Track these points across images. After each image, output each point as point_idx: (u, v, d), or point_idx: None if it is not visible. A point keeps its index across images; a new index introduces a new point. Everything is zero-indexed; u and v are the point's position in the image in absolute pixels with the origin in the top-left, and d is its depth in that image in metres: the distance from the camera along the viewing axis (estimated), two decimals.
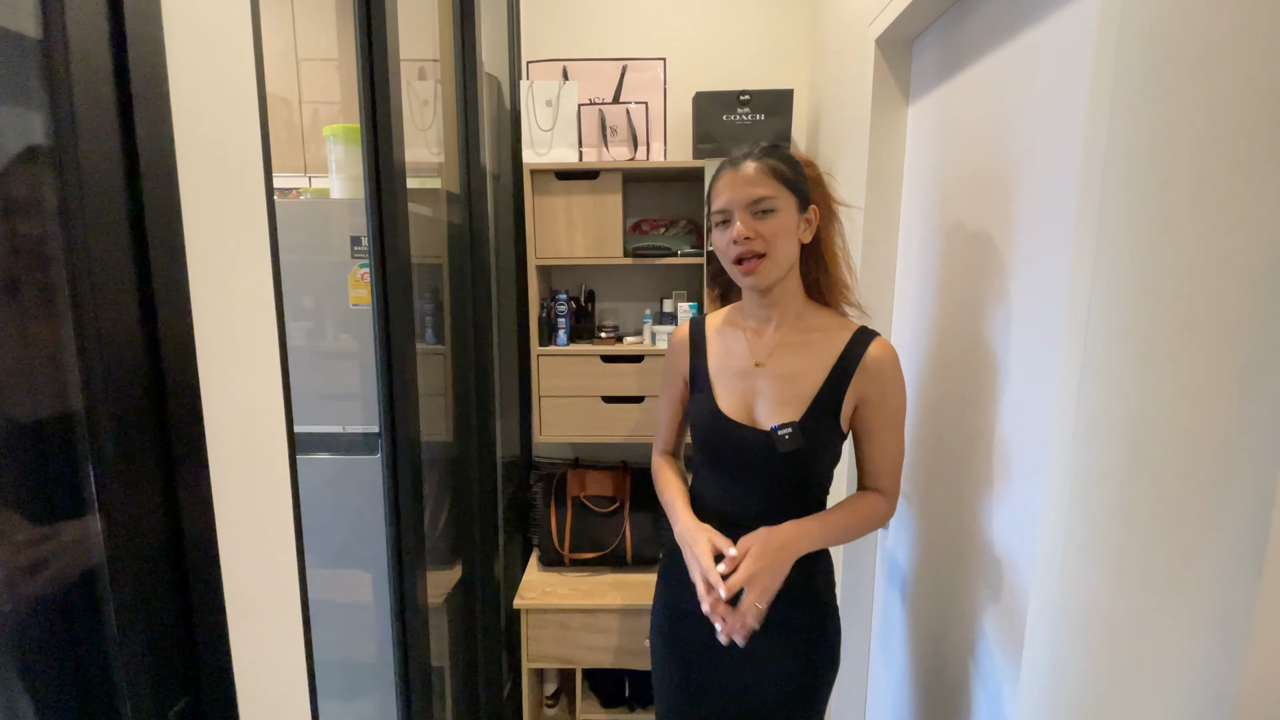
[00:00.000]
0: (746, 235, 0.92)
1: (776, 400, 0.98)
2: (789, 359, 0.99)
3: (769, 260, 0.94)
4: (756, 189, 0.92)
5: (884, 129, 1.32)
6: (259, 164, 0.67)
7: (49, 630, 0.52)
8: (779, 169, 0.94)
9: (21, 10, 0.44)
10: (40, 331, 0.48)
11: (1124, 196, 0.62)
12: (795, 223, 0.95)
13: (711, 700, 1.05)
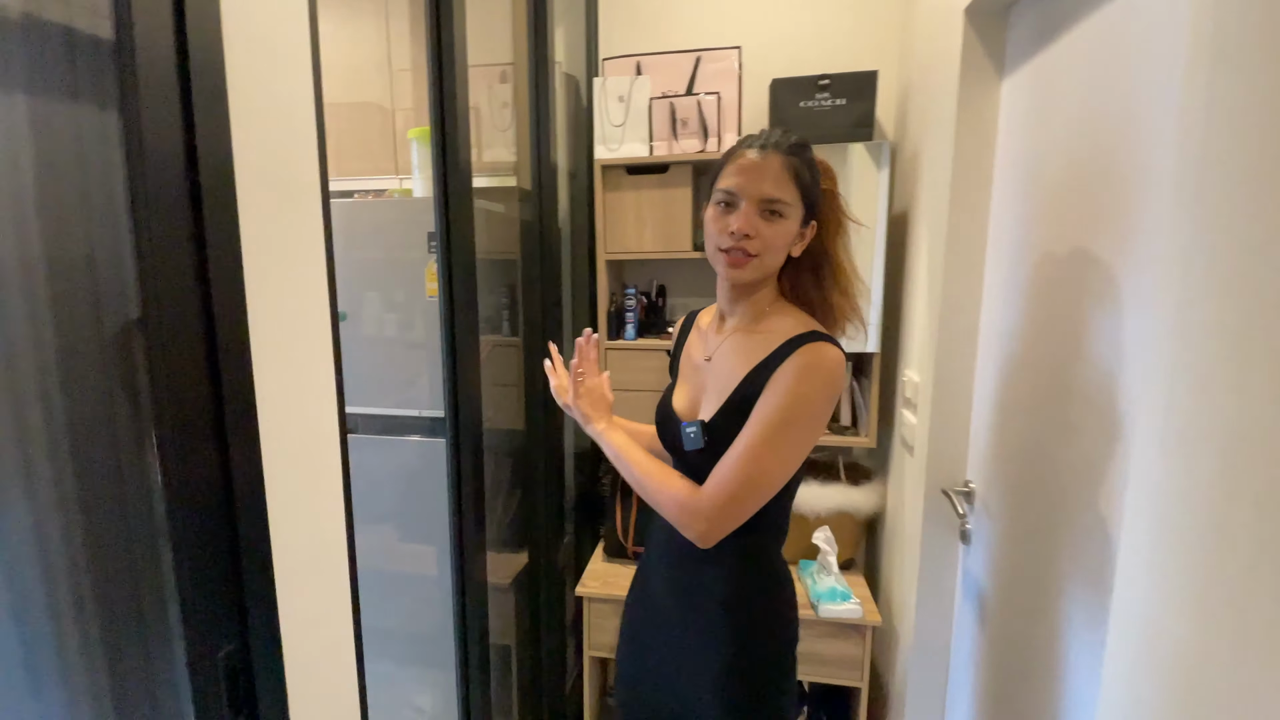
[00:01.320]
0: (747, 233, 0.86)
1: (710, 394, 0.95)
2: (730, 357, 0.95)
3: (758, 262, 0.88)
4: (774, 188, 0.86)
5: (973, 109, 1.20)
6: (314, 160, 0.73)
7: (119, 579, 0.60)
8: (801, 174, 0.88)
9: (99, 15, 0.51)
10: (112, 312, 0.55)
11: (1224, 177, 0.53)
12: (796, 233, 0.90)
13: (643, 688, 1.08)
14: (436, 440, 1.52)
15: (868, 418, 1.69)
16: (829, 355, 0.85)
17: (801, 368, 0.84)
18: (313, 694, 0.75)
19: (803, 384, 0.84)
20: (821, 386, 0.84)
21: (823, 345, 0.86)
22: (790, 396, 0.83)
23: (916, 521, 1.40)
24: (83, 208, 0.54)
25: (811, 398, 0.84)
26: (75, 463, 0.55)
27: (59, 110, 0.52)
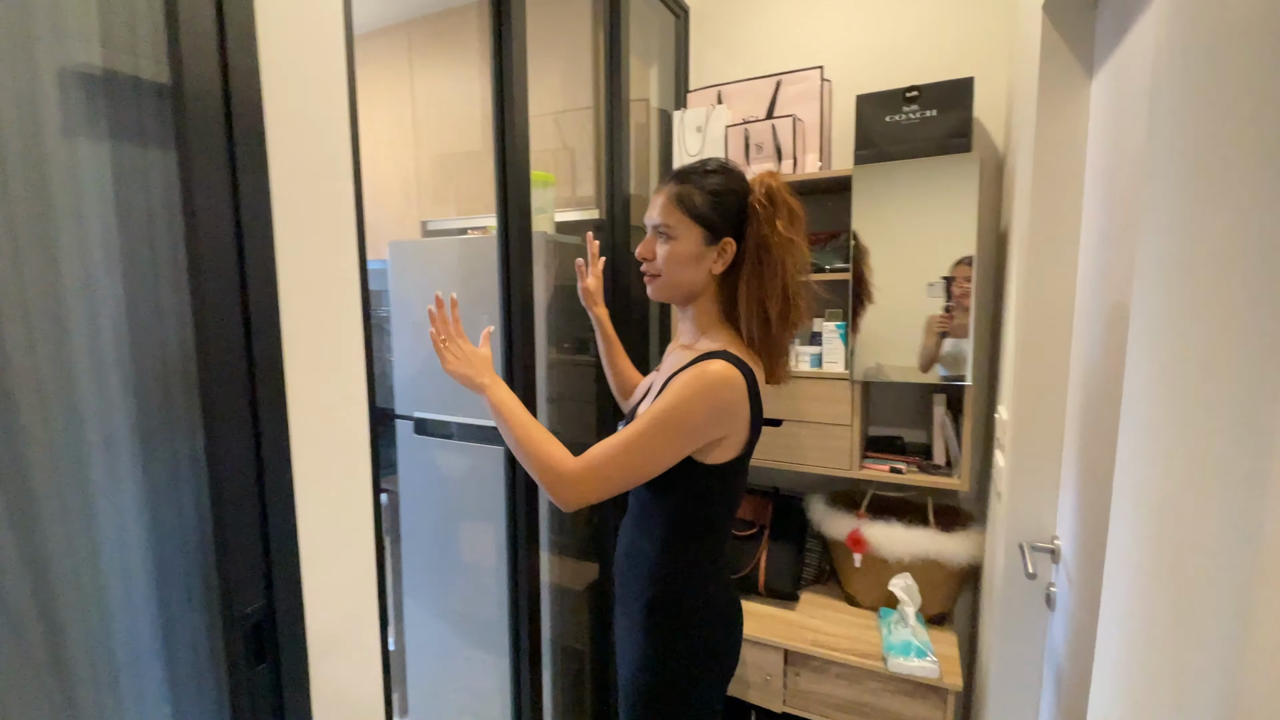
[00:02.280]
0: (643, 255, 1.00)
1: (646, 404, 1.00)
2: (667, 366, 1.03)
3: (660, 280, 0.99)
4: (656, 214, 0.98)
5: (1055, 113, 1.06)
6: (350, 191, 0.87)
7: (169, 540, 0.77)
8: (687, 198, 0.95)
9: (160, 63, 0.69)
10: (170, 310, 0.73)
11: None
12: (695, 252, 0.96)
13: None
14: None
15: (962, 458, 1.52)
16: (711, 369, 0.89)
17: (685, 377, 0.90)
18: (333, 652, 0.88)
19: (681, 391, 0.89)
20: (695, 396, 0.88)
21: (711, 361, 0.90)
22: (668, 400, 0.89)
23: (997, 578, 1.23)
24: (149, 231, 0.72)
25: (684, 405, 0.88)
26: (143, 445, 0.73)
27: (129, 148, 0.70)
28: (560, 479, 0.91)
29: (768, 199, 0.95)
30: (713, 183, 0.96)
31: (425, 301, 1.73)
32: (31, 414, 0.63)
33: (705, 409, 0.89)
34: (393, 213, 2.17)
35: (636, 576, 1.03)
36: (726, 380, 0.89)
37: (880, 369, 1.56)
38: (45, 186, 0.64)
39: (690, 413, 0.88)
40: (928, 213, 1.49)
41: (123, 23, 0.69)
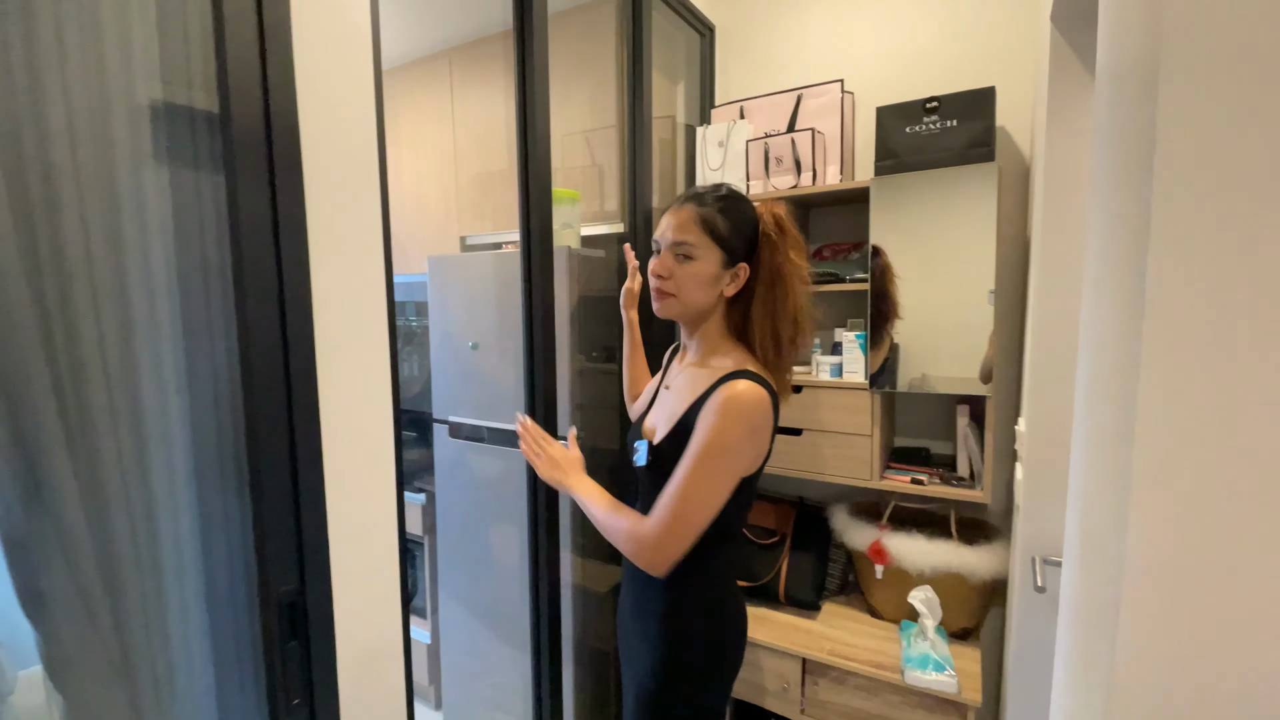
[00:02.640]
0: (659, 273, 1.00)
1: (661, 422, 1.02)
2: (682, 388, 1.03)
3: (675, 300, 1.00)
4: (680, 233, 0.98)
5: (1064, 122, 1.06)
6: (377, 209, 0.96)
7: (212, 527, 0.86)
8: (711, 221, 0.97)
9: (210, 94, 0.79)
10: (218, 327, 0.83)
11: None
12: (714, 274, 0.98)
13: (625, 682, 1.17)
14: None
15: (985, 470, 1.50)
16: (741, 392, 0.91)
17: (718, 404, 0.91)
18: (358, 631, 0.96)
19: (718, 419, 0.91)
20: (733, 422, 0.90)
21: (737, 382, 0.92)
22: (708, 432, 0.91)
23: (1014, 592, 1.22)
24: (200, 245, 0.81)
25: (725, 430, 0.90)
26: (195, 440, 0.83)
27: (184, 171, 0.81)
28: (642, 548, 0.93)
29: (778, 228, 1.00)
30: (731, 207, 0.99)
31: (464, 311, 1.85)
32: (101, 413, 0.74)
33: (744, 432, 0.91)
34: (434, 228, 2.30)
35: (649, 584, 1.04)
36: (758, 399, 0.92)
37: (925, 379, 1.53)
38: (115, 207, 0.75)
39: (734, 439, 0.91)
40: (949, 223, 1.48)
41: (180, 59, 0.80)
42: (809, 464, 1.70)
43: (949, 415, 1.72)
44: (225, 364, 0.83)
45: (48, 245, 0.70)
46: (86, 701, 0.77)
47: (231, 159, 0.79)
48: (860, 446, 1.62)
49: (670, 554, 0.92)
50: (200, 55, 0.80)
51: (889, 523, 1.65)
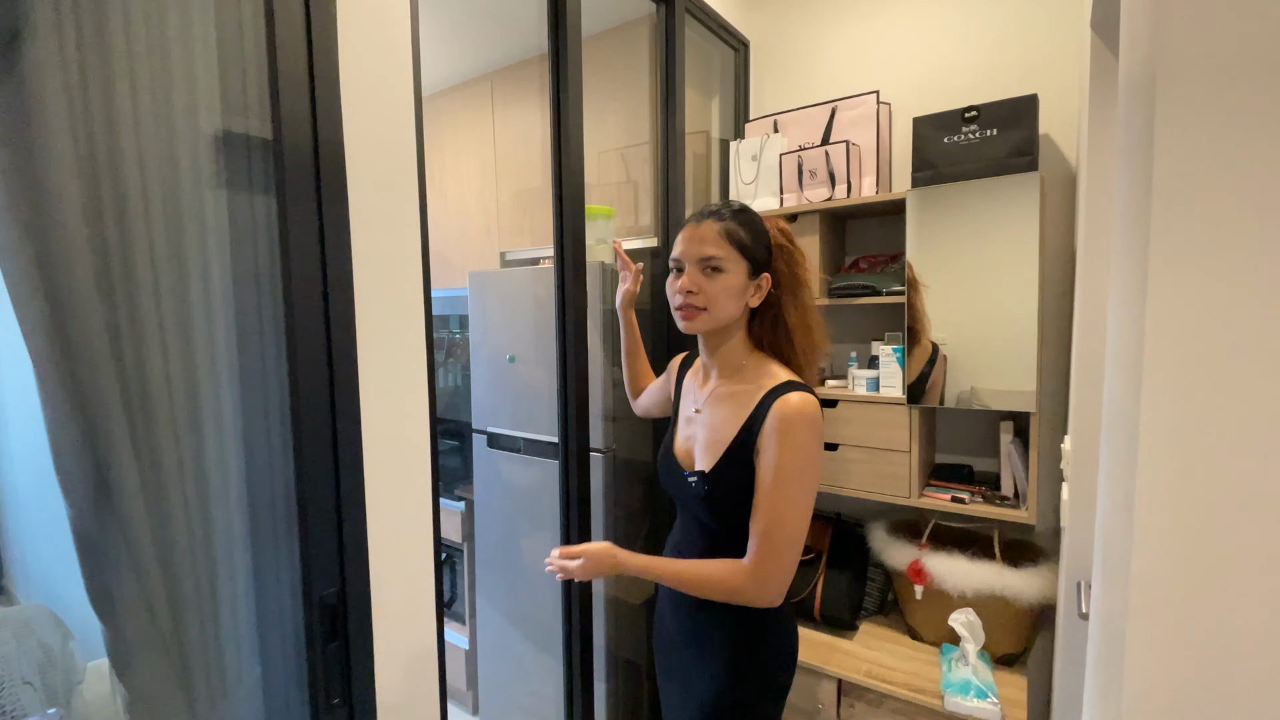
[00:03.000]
0: (690, 289, 0.99)
1: (703, 447, 1.01)
2: (718, 408, 1.01)
3: (707, 314, 0.99)
4: (708, 248, 0.98)
5: (1107, 131, 1.03)
6: (416, 228, 1.00)
7: (261, 531, 0.91)
8: (735, 233, 0.98)
9: (264, 122, 0.84)
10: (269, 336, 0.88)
11: None
12: (742, 285, 0.99)
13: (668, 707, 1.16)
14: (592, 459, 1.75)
15: (1030, 489, 1.44)
16: (800, 403, 0.92)
17: (786, 422, 0.92)
18: (395, 634, 0.99)
19: (787, 437, 0.91)
20: (806, 434, 0.92)
21: (791, 396, 0.93)
22: (783, 453, 0.91)
23: (1060, 617, 1.17)
24: (253, 262, 0.87)
25: (799, 445, 0.91)
26: (247, 449, 0.88)
27: (240, 195, 0.87)
28: (755, 587, 0.92)
29: (787, 239, 1.01)
30: (747, 220, 1.01)
31: (502, 325, 1.91)
32: (163, 423, 0.80)
33: (816, 444, 0.93)
34: (476, 243, 2.38)
35: (707, 608, 1.02)
36: (816, 409, 0.94)
37: (974, 393, 1.49)
38: (179, 228, 0.81)
39: (810, 454, 0.92)
40: (990, 234, 1.45)
41: (237, 91, 0.86)
42: (845, 480, 1.67)
43: (992, 431, 1.66)
44: (275, 375, 0.89)
45: (119, 267, 0.76)
46: (146, 693, 0.83)
47: (282, 182, 0.85)
48: (898, 463, 1.58)
49: (784, 582, 0.93)
50: (256, 87, 0.86)
51: (929, 542, 1.60)
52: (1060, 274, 1.55)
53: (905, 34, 1.75)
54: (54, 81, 0.71)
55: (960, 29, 1.68)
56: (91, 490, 0.77)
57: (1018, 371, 1.41)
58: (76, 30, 0.73)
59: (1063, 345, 1.54)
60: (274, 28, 0.83)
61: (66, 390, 0.74)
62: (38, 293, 0.71)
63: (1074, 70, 1.53)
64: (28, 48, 0.69)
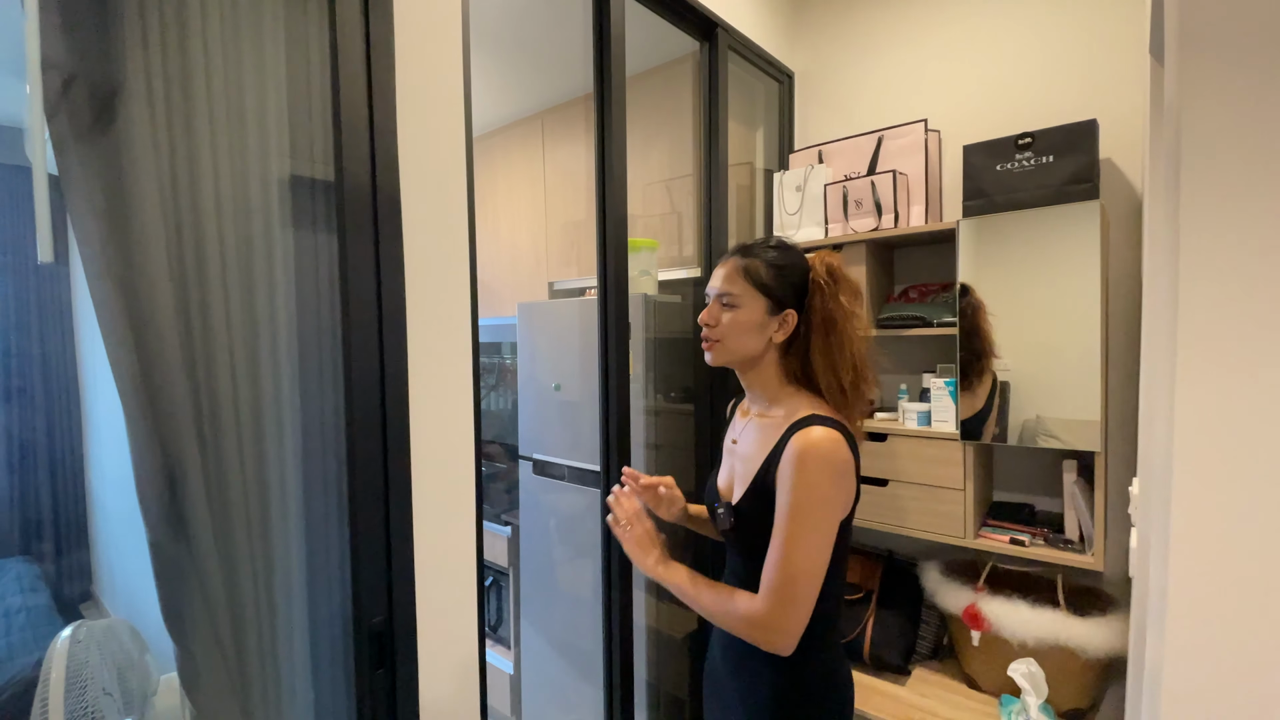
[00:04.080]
0: (707, 321, 1.04)
1: (736, 478, 1.02)
2: (750, 440, 1.02)
3: (721, 346, 1.02)
4: (725, 284, 1.02)
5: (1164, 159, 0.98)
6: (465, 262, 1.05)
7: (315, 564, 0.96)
8: (753, 270, 1.01)
9: (327, 165, 0.91)
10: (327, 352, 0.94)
11: None
12: (758, 321, 1.00)
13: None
14: None
15: (1095, 533, 1.36)
16: (814, 438, 0.90)
17: (796, 457, 0.90)
18: (440, 659, 1.02)
19: (800, 473, 0.89)
20: (817, 470, 0.89)
21: (809, 430, 0.91)
22: (795, 490, 0.89)
23: (1131, 674, 1.09)
24: (315, 296, 0.93)
25: (812, 484, 0.89)
26: (305, 480, 0.94)
27: (305, 234, 0.93)
28: (762, 631, 0.90)
29: (830, 276, 1.01)
30: (774, 257, 1.02)
31: (548, 354, 1.96)
32: (231, 459, 0.86)
33: (830, 479, 0.89)
34: (526, 273, 2.45)
35: (751, 654, 0.98)
36: (834, 442, 0.90)
37: (1040, 421, 1.42)
38: (250, 265, 0.88)
39: (823, 491, 0.89)
40: (1047, 265, 1.39)
41: (304, 137, 0.93)
42: (895, 517, 1.62)
43: (1054, 470, 1.58)
44: (332, 406, 0.94)
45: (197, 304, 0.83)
46: (210, 709, 0.88)
47: (343, 222, 0.91)
48: (951, 501, 1.52)
49: (792, 628, 0.88)
50: (321, 135, 0.93)
51: (986, 585, 1.53)
52: (1126, 307, 1.47)
53: (954, 62, 1.73)
54: (144, 133, 0.79)
55: (1012, 55, 1.64)
56: (167, 516, 0.83)
57: (1079, 408, 1.34)
58: (165, 88, 0.81)
59: (1130, 382, 1.46)
60: (338, 81, 0.90)
61: (147, 422, 0.80)
62: (126, 332, 0.79)
63: (1138, 93, 1.47)
64: (122, 104, 0.78)
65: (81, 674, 1.05)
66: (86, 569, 2.48)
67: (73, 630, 1.07)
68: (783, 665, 0.97)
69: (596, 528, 1.74)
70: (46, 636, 2.09)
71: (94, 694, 1.05)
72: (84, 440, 2.39)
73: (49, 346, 2.28)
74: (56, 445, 2.35)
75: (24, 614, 2.19)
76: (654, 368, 1.75)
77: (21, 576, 2.34)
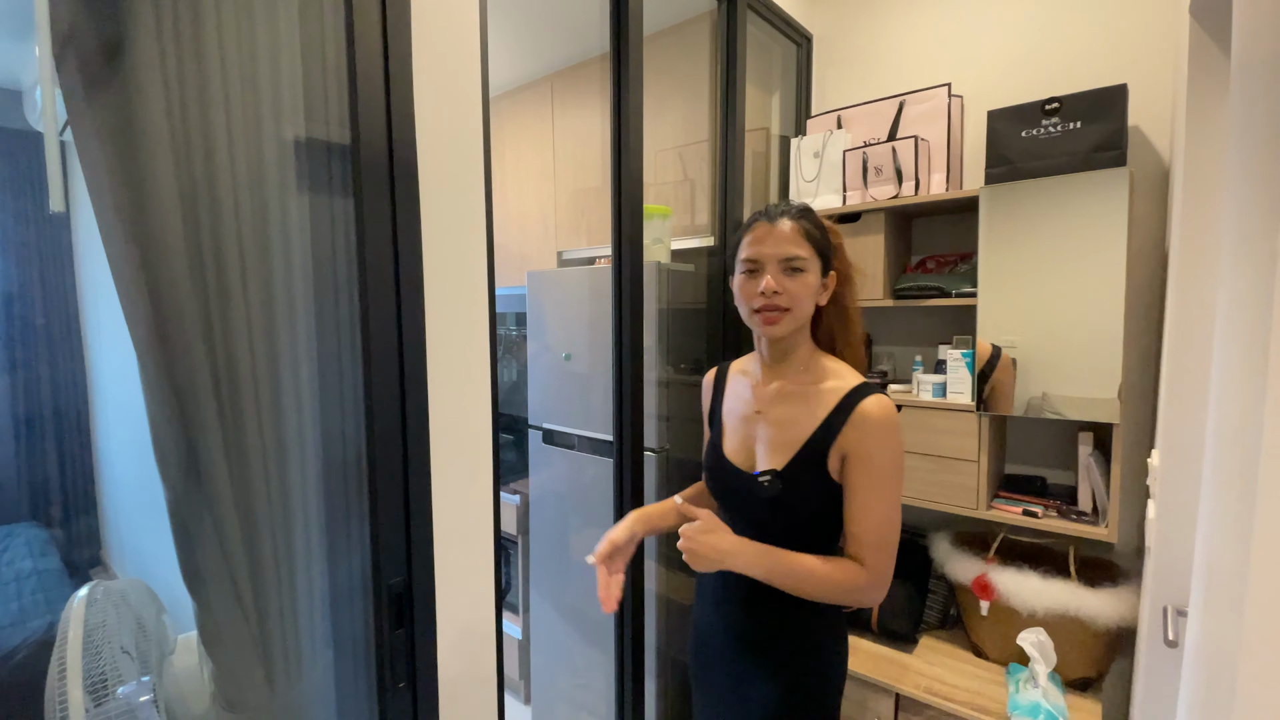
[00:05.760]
0: (775, 290, 0.96)
1: (770, 446, 0.99)
2: (786, 407, 0.99)
3: (790, 315, 0.97)
4: (791, 248, 0.96)
5: (1206, 124, 0.95)
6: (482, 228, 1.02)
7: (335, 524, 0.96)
8: (811, 232, 0.98)
9: (344, 128, 0.88)
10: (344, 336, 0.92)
11: None
12: (818, 284, 0.99)
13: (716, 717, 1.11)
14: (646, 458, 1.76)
15: (1110, 505, 1.36)
16: (884, 406, 0.94)
17: (877, 425, 0.92)
18: (457, 622, 1.02)
19: (887, 438, 0.93)
20: (896, 436, 0.94)
21: (876, 398, 0.94)
22: (883, 453, 0.93)
23: (1142, 643, 1.10)
24: (332, 261, 0.91)
25: (897, 449, 0.94)
26: (324, 442, 0.93)
27: (321, 197, 0.91)
28: (870, 589, 0.93)
29: (836, 235, 1.02)
30: (816, 218, 1.00)
31: (559, 323, 1.94)
32: (249, 416, 0.85)
33: (901, 443, 0.98)
34: (534, 242, 2.42)
35: (758, 627, 1.02)
36: (894, 410, 0.95)
37: (1046, 399, 1.41)
38: (265, 230, 0.86)
39: (901, 453, 0.95)
40: (1071, 233, 1.37)
41: (319, 100, 0.90)
42: (906, 488, 1.61)
43: (1069, 442, 1.57)
44: (350, 366, 0.93)
45: (212, 263, 0.81)
46: (229, 667, 0.89)
47: (359, 184, 0.88)
48: (965, 472, 1.52)
49: (885, 581, 0.95)
50: (336, 96, 0.90)
51: (997, 556, 1.53)
52: (1148, 276, 1.45)
53: (980, 24, 1.68)
54: (154, 92, 0.76)
55: (1039, 17, 1.59)
56: (186, 474, 0.82)
57: (1098, 380, 1.33)
58: (176, 44, 0.78)
59: (1149, 353, 1.44)
60: (354, 40, 0.86)
61: (165, 378, 0.79)
62: (141, 287, 0.77)
63: (1168, 58, 1.42)
64: (130, 59, 0.75)
65: (98, 633, 1.06)
66: (96, 534, 2.50)
67: (89, 590, 1.07)
68: (797, 630, 0.99)
69: (607, 496, 1.75)
70: (58, 600, 2.10)
71: (111, 653, 1.06)
72: (90, 406, 2.39)
73: (53, 312, 2.26)
74: (62, 411, 2.35)
75: (35, 578, 2.21)
76: (666, 339, 1.73)
77: (31, 541, 2.36)
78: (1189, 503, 0.99)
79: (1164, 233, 1.43)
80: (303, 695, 0.96)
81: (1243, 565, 0.38)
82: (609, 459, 1.78)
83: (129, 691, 1.03)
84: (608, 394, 1.50)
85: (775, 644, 1.01)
